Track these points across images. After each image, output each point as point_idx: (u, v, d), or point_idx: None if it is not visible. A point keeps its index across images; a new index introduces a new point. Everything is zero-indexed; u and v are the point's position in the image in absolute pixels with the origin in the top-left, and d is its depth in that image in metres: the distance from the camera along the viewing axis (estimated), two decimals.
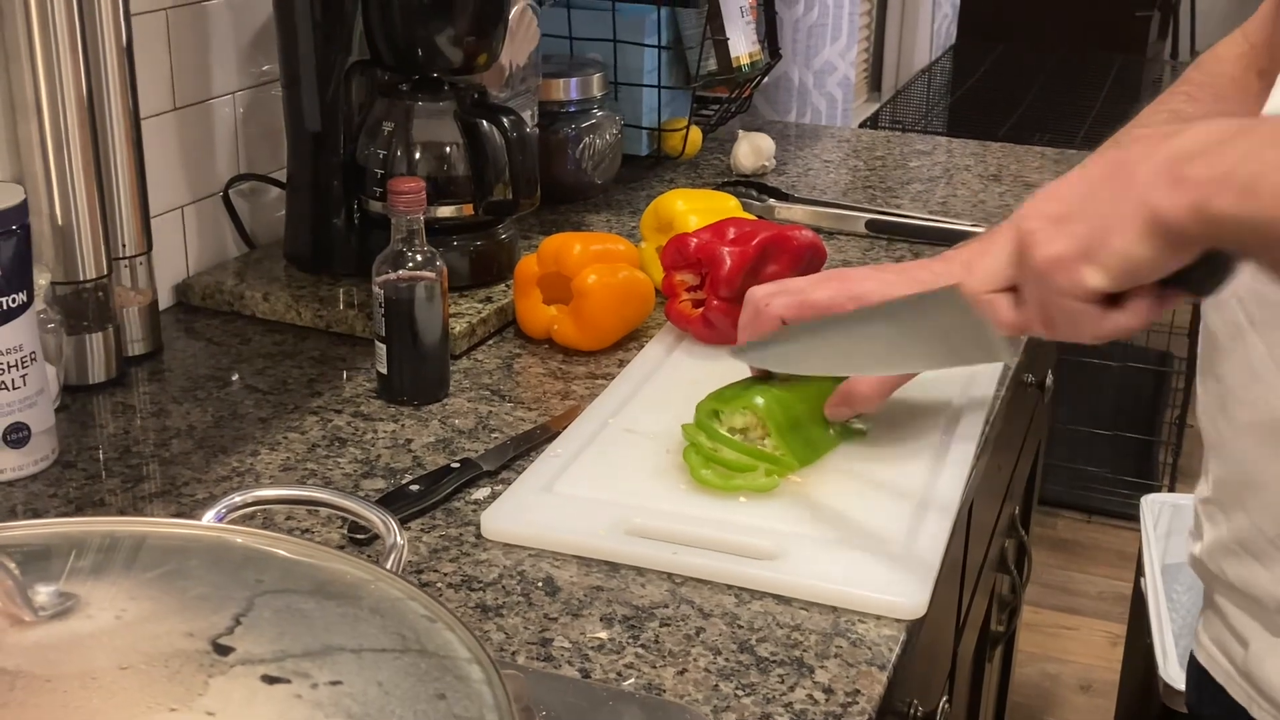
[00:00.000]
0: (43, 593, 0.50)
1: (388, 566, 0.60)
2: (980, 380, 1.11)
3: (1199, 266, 0.65)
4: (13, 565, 0.48)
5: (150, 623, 0.50)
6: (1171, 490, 2.77)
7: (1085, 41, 3.69)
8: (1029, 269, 0.71)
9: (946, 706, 1.04)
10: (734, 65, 1.67)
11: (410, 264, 1.05)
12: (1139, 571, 1.78)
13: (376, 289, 1.05)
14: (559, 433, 1.01)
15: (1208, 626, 0.93)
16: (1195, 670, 0.95)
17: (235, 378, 1.12)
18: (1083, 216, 0.67)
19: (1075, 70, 3.39)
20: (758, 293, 0.97)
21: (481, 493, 0.95)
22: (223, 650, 0.49)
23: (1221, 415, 0.87)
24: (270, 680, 0.48)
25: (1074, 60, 3.46)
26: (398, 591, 0.56)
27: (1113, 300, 0.68)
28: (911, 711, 0.96)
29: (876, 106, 3.06)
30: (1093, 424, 2.88)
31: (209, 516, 0.62)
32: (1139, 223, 0.64)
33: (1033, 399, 1.54)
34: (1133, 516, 1.95)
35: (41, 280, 1.02)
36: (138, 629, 0.50)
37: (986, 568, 1.40)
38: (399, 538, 0.63)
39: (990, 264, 0.75)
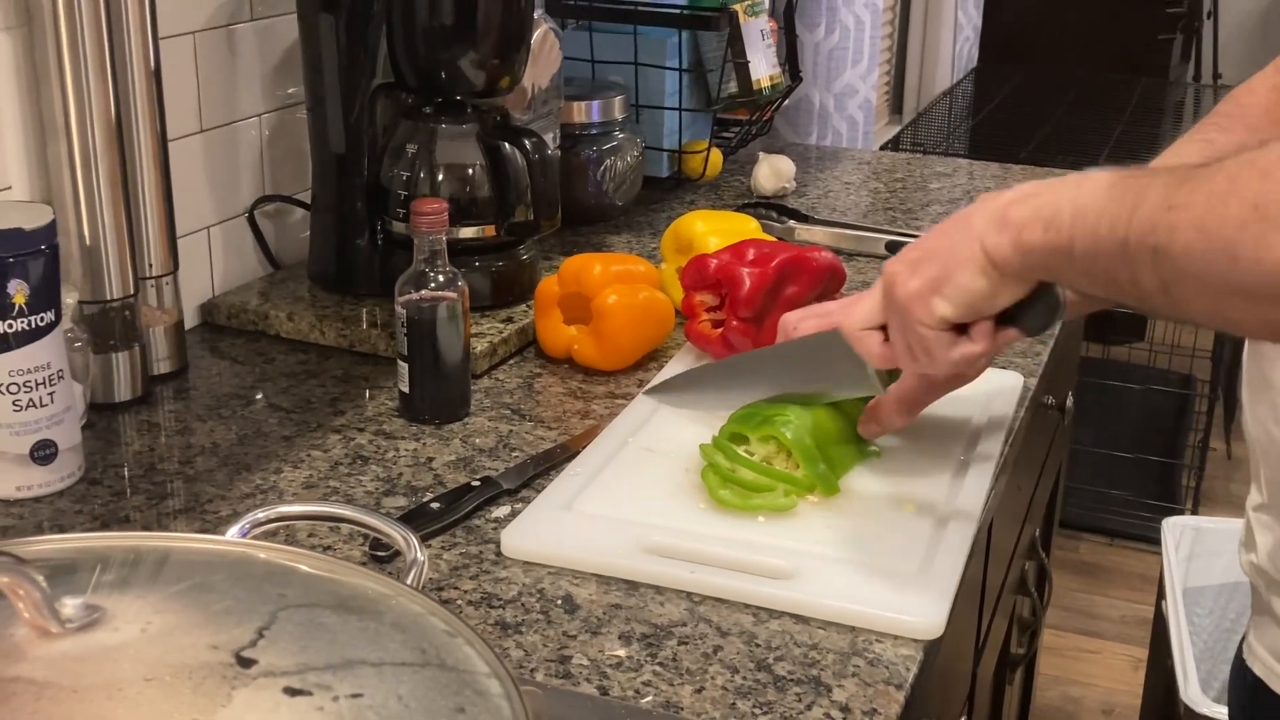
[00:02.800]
0: (69, 605, 0.51)
1: (408, 582, 0.61)
2: (999, 401, 1.11)
3: (1033, 304, 0.80)
4: (40, 578, 0.49)
5: (175, 635, 0.51)
6: (1194, 514, 2.75)
7: (1108, 64, 3.69)
8: (892, 305, 0.86)
9: None
10: (755, 88, 1.68)
11: (433, 284, 1.06)
12: (1160, 594, 1.78)
13: (399, 308, 1.06)
14: (578, 452, 1.02)
15: (1262, 635, 0.93)
16: (1244, 683, 0.95)
17: (259, 396, 1.13)
18: (933, 258, 0.82)
19: (1098, 93, 3.39)
20: (790, 317, 1.02)
21: (501, 511, 0.95)
22: (246, 663, 0.50)
23: (1273, 420, 0.89)
24: (292, 692, 0.48)
25: (1096, 83, 3.46)
26: (418, 607, 0.57)
27: (962, 330, 0.83)
28: None
29: (898, 129, 3.07)
30: (1115, 447, 2.87)
31: (233, 532, 0.63)
32: (975, 260, 0.79)
33: (1053, 421, 1.54)
34: (1155, 540, 1.94)
35: (69, 299, 1.03)
36: (162, 641, 0.51)
37: (1006, 590, 1.40)
38: (420, 554, 0.63)
39: (864, 306, 0.90)
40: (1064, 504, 2.01)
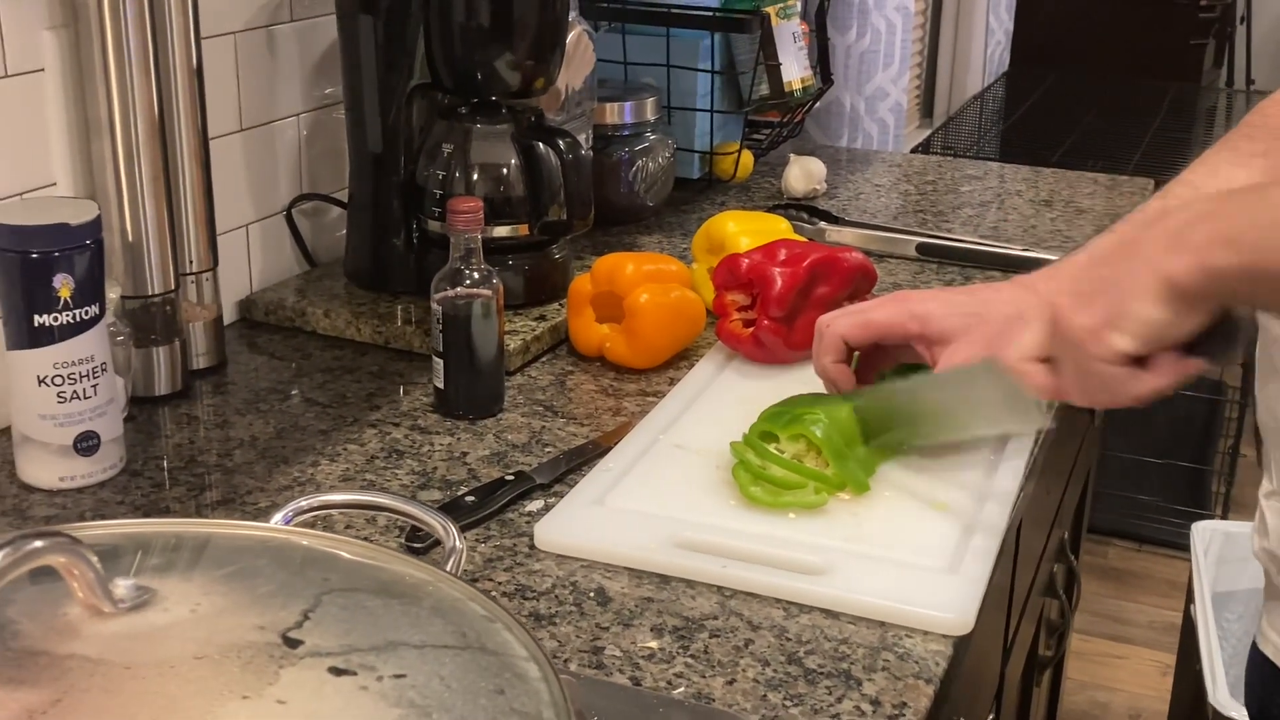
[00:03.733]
0: (121, 586, 0.53)
1: (447, 569, 0.62)
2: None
3: (1214, 334, 0.76)
4: (94, 559, 0.50)
5: (223, 616, 0.53)
6: (1224, 519, 2.74)
7: (1140, 69, 3.68)
8: (1064, 340, 0.81)
9: None
10: (786, 90, 1.69)
11: (468, 281, 1.08)
12: (1189, 598, 1.77)
13: (435, 305, 1.08)
14: (610, 448, 1.03)
15: (1275, 619, 0.93)
16: (1257, 665, 0.96)
17: (295, 392, 1.14)
18: (1104, 289, 0.78)
19: (1129, 98, 3.38)
20: (825, 317, 1.02)
21: (535, 505, 0.97)
22: (292, 643, 0.51)
23: None
24: (337, 672, 0.50)
25: (1128, 88, 3.45)
26: (458, 593, 0.58)
27: (1140, 363, 0.78)
28: None
29: (928, 133, 3.07)
30: (1145, 452, 2.86)
31: (277, 519, 0.65)
32: (1153, 288, 0.75)
33: (1083, 424, 1.54)
34: (1185, 546, 1.94)
35: (112, 294, 1.05)
36: (212, 622, 0.52)
37: (1035, 591, 1.40)
38: (458, 542, 0.64)
39: (1027, 337, 0.86)
40: (1093, 509, 2.01)
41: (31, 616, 0.52)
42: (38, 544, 0.47)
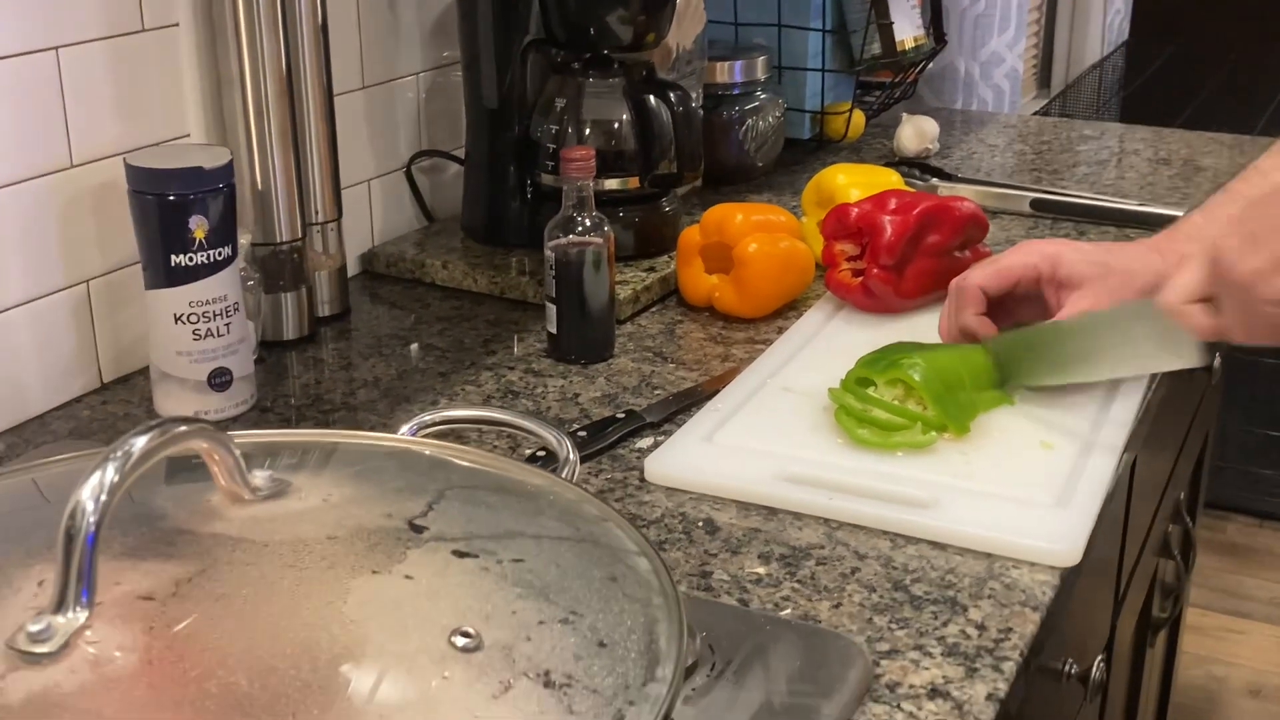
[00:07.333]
0: (258, 476, 0.56)
1: (563, 477, 0.64)
2: None
3: None
4: (234, 445, 0.54)
5: (353, 505, 0.56)
6: None
7: (1266, 38, 3.57)
8: (1229, 282, 0.83)
9: (1102, 668, 1.04)
10: (898, 49, 1.69)
11: (579, 229, 1.10)
12: None
13: (548, 252, 1.11)
14: (718, 391, 1.05)
15: None
16: None
17: (414, 346, 1.18)
18: (1274, 233, 0.80)
19: (1254, 68, 3.28)
20: (957, 279, 1.05)
21: (645, 442, 0.99)
22: (418, 529, 0.54)
23: None
24: (460, 554, 0.52)
25: (1253, 57, 3.35)
26: (572, 495, 0.61)
27: None
28: (1066, 669, 0.96)
29: (1045, 103, 3.02)
30: (1267, 426, 2.79)
31: (403, 431, 0.68)
32: None
33: (1200, 383, 1.52)
34: None
35: (242, 240, 1.10)
36: (342, 509, 0.55)
37: (1148, 550, 1.39)
38: (572, 454, 0.67)
39: (1185, 279, 0.87)
40: (1213, 483, 1.97)
41: (176, 502, 0.55)
42: (182, 428, 0.51)
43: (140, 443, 0.48)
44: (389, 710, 0.45)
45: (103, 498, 0.47)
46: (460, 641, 0.47)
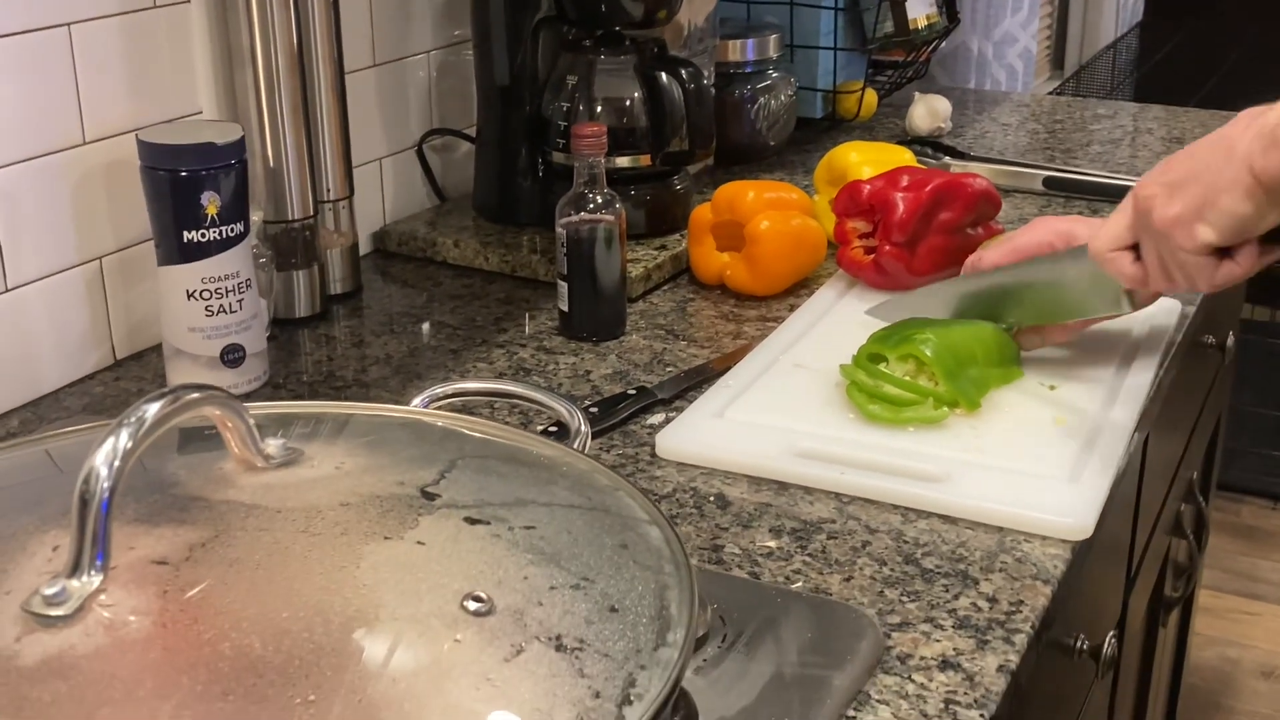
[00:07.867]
0: (271, 444, 0.56)
1: (574, 448, 0.65)
2: (1154, 326, 1.10)
3: None
4: (247, 412, 0.54)
5: (366, 474, 0.56)
6: None
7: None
8: (1149, 230, 0.85)
9: (1114, 645, 1.04)
10: (911, 28, 1.68)
11: (591, 206, 1.10)
12: None
13: (560, 230, 1.11)
14: (730, 368, 1.05)
15: None
16: None
17: (426, 324, 1.18)
18: (1193, 181, 0.81)
19: (1269, 48, 3.26)
20: (971, 257, 1.06)
21: (656, 418, 0.99)
22: (430, 496, 0.54)
23: None
24: (472, 521, 0.53)
25: (1269, 37, 3.33)
26: (584, 466, 0.61)
27: (1222, 253, 0.82)
28: (1078, 644, 0.96)
29: (1058, 84, 3.01)
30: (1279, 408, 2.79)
31: (416, 403, 0.68)
32: (1241, 183, 0.77)
33: (1213, 361, 1.51)
34: None
35: (254, 217, 1.10)
36: (355, 477, 0.55)
37: (1160, 528, 1.39)
38: (584, 425, 0.67)
39: (1111, 227, 0.89)
40: (1226, 466, 1.97)
41: (190, 470, 0.56)
42: (195, 395, 0.51)
43: (154, 409, 0.48)
44: (401, 673, 0.45)
45: (116, 463, 0.47)
46: (472, 606, 0.47)
